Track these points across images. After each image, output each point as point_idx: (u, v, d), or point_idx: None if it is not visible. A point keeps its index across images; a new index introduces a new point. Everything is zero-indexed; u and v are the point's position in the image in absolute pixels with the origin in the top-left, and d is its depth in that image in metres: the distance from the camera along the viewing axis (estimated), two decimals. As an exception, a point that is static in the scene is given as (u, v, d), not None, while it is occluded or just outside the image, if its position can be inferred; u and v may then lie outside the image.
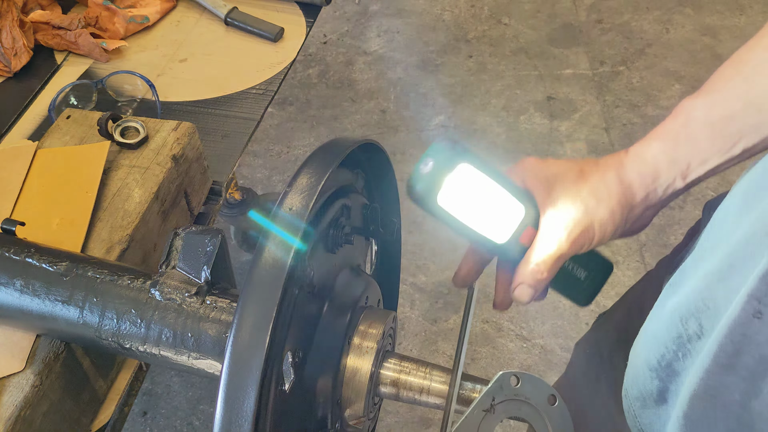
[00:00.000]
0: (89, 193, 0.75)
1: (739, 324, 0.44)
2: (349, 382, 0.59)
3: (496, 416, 0.52)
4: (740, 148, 0.57)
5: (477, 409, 0.52)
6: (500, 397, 0.53)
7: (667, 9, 2.57)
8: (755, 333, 0.43)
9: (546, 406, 0.54)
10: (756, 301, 0.42)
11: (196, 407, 1.69)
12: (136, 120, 0.83)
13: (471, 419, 0.52)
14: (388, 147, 0.66)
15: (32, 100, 1.05)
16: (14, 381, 0.62)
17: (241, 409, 0.46)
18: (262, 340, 0.46)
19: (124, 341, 0.59)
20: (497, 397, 0.53)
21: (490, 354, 1.75)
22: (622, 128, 2.21)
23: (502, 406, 0.53)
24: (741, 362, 0.44)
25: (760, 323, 0.43)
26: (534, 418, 0.53)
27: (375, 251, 0.80)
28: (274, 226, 0.50)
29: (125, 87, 1.06)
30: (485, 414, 0.52)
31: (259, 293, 0.48)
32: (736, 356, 0.45)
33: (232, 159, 0.98)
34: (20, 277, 0.60)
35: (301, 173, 0.54)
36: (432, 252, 1.86)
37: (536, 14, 2.59)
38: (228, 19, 1.17)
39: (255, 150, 2.20)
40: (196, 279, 0.59)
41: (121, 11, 1.14)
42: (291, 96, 2.36)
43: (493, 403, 0.53)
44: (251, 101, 1.06)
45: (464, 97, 2.33)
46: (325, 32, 2.57)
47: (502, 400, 0.53)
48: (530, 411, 0.53)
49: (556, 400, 0.54)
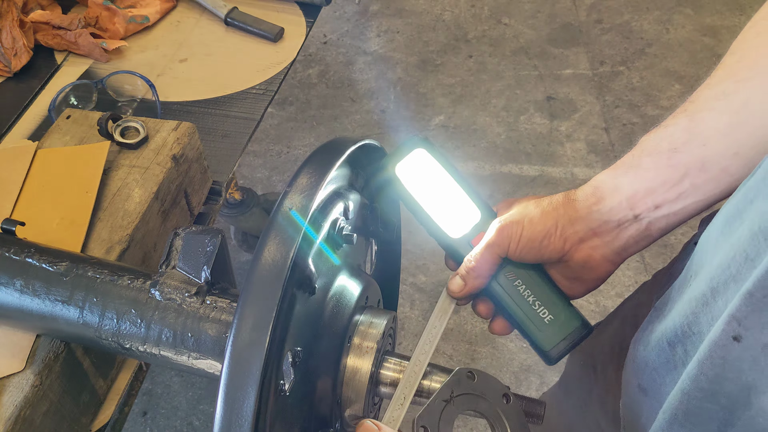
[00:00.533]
0: (89, 193, 0.75)
1: (719, 347, 0.43)
2: (349, 382, 0.59)
3: (455, 408, 0.54)
4: (687, 184, 0.56)
5: (437, 399, 0.54)
6: (459, 391, 0.55)
7: (667, 9, 2.57)
8: (735, 359, 0.42)
9: (501, 403, 0.56)
10: (736, 323, 0.42)
11: (196, 407, 1.70)
12: (136, 120, 0.83)
13: (433, 407, 0.54)
14: (388, 147, 0.66)
15: (32, 100, 1.05)
16: (14, 381, 0.62)
17: (241, 409, 0.46)
18: (262, 340, 0.46)
19: (124, 341, 0.59)
20: (456, 390, 0.55)
21: (490, 354, 1.75)
22: (622, 128, 2.21)
23: (460, 399, 0.55)
24: (722, 389, 0.44)
25: (740, 348, 0.42)
26: (491, 414, 0.55)
27: (375, 251, 0.79)
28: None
29: (125, 87, 1.06)
30: (445, 404, 0.54)
31: (259, 293, 0.48)
32: (717, 382, 0.44)
33: (232, 159, 0.98)
34: (20, 277, 0.60)
35: (301, 173, 0.54)
36: (432, 252, 1.86)
37: (536, 14, 2.59)
38: (228, 19, 1.17)
39: (255, 150, 2.20)
40: (196, 279, 0.59)
41: (121, 11, 1.14)
42: (291, 96, 2.36)
43: (452, 396, 0.54)
44: (251, 101, 1.06)
45: (464, 97, 2.33)
46: (325, 32, 2.57)
47: (460, 393, 0.55)
48: (487, 407, 0.56)
49: (510, 398, 0.56)
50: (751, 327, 0.41)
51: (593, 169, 2.13)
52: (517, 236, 0.61)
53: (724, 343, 0.42)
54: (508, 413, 0.55)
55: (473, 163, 2.15)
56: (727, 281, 0.45)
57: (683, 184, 0.56)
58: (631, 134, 2.19)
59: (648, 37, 2.48)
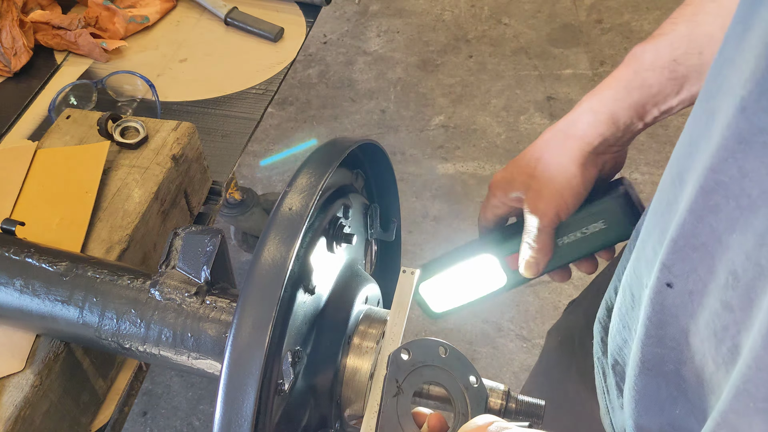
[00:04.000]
0: (89, 193, 0.75)
1: (656, 293, 0.45)
2: (349, 382, 0.59)
3: (406, 395, 0.54)
4: (687, 92, 0.60)
5: (387, 398, 0.53)
6: (402, 375, 0.54)
7: (667, 9, 2.57)
8: (671, 304, 0.44)
9: (443, 359, 0.55)
10: (667, 270, 0.43)
11: (196, 407, 1.70)
12: (136, 120, 0.83)
13: (387, 410, 0.53)
14: (388, 147, 0.67)
15: (32, 100, 1.05)
16: (14, 381, 0.62)
17: (241, 409, 0.46)
18: (261, 340, 0.46)
19: (124, 341, 0.59)
20: (399, 377, 0.54)
21: (490, 354, 1.75)
22: (622, 128, 2.21)
23: (407, 382, 0.54)
24: (667, 334, 0.45)
25: (673, 293, 0.43)
26: (439, 376, 0.55)
27: (375, 251, 0.80)
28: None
29: (125, 87, 1.06)
30: (397, 398, 0.53)
31: (258, 293, 0.48)
32: (661, 327, 0.46)
33: (232, 159, 0.97)
34: (20, 277, 0.60)
35: (301, 173, 0.54)
36: (432, 252, 1.86)
37: (536, 14, 2.59)
38: (228, 19, 1.17)
39: (255, 150, 2.20)
40: (196, 279, 0.59)
41: (121, 11, 1.14)
42: (291, 96, 2.36)
43: (399, 385, 0.54)
44: (251, 101, 1.06)
45: (464, 97, 2.33)
46: (325, 32, 2.57)
47: (405, 376, 0.54)
48: (432, 371, 0.55)
49: (447, 350, 0.55)
50: (679, 274, 0.42)
51: (593, 169, 2.13)
52: (563, 208, 0.65)
53: (659, 289, 0.44)
54: (471, 393, 0.55)
55: (473, 163, 2.15)
56: (655, 227, 0.47)
57: (683, 93, 0.61)
58: (631, 134, 2.19)
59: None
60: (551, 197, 0.65)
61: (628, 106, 0.62)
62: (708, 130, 0.39)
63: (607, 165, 0.67)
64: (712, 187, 0.38)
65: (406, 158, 2.15)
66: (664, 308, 0.44)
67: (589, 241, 0.69)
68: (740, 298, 0.38)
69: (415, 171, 2.12)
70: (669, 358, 0.46)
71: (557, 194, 0.65)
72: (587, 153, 0.64)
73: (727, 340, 0.40)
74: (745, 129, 0.34)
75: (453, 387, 0.55)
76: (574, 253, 0.70)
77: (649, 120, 0.63)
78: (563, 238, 0.69)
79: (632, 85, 0.61)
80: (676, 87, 0.60)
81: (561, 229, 0.69)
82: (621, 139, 0.65)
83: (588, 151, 0.64)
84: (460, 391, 0.54)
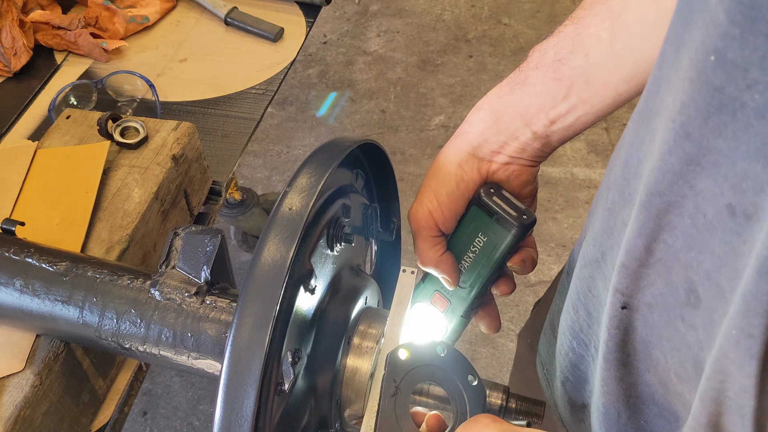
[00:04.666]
0: (89, 193, 0.75)
1: (613, 318, 0.44)
2: (349, 382, 0.59)
3: (404, 395, 0.53)
4: (575, 97, 0.56)
5: (385, 398, 0.53)
6: (400, 375, 0.54)
7: (667, 9, 2.57)
8: (629, 324, 0.44)
9: (441, 359, 0.55)
10: (620, 294, 0.43)
11: (196, 407, 1.70)
12: (136, 120, 0.83)
13: (385, 411, 0.52)
14: (388, 147, 0.67)
15: (32, 100, 1.05)
16: (14, 381, 0.62)
17: (241, 409, 0.46)
18: (261, 340, 0.46)
19: (124, 341, 0.59)
20: (397, 378, 0.53)
21: (490, 354, 1.75)
22: (622, 128, 2.21)
23: (405, 382, 0.54)
24: (627, 349, 0.45)
25: (629, 313, 0.43)
26: (438, 376, 0.54)
27: (375, 251, 0.80)
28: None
29: (125, 87, 1.06)
30: (395, 398, 0.53)
31: (258, 293, 0.48)
32: (623, 350, 0.45)
33: (232, 159, 0.98)
34: (20, 277, 0.60)
35: (300, 173, 0.54)
36: (432, 252, 1.86)
37: (536, 14, 2.59)
38: (228, 19, 1.17)
39: (255, 150, 2.20)
40: (196, 279, 0.59)
41: (121, 11, 1.14)
42: (291, 96, 2.36)
43: (397, 385, 0.53)
44: (251, 101, 1.06)
45: (464, 97, 2.33)
46: (325, 32, 2.57)
47: (403, 377, 0.54)
48: (430, 371, 0.54)
49: (445, 349, 0.55)
50: (633, 294, 0.42)
51: (593, 169, 2.13)
52: (433, 207, 0.60)
53: (615, 314, 0.44)
54: (470, 392, 0.54)
55: (473, 163, 2.14)
56: (602, 247, 0.46)
57: (571, 98, 0.56)
58: (631, 134, 2.19)
59: (648, 37, 2.48)
60: (428, 198, 0.61)
61: (510, 104, 0.58)
62: (651, 150, 0.39)
63: (496, 176, 0.60)
64: (664, 209, 0.37)
65: (406, 158, 2.15)
66: (624, 328, 0.44)
67: (485, 257, 0.63)
68: (702, 317, 0.38)
69: (415, 171, 2.12)
70: (634, 371, 0.46)
71: (432, 194, 0.60)
72: (466, 152, 0.60)
73: (689, 359, 0.40)
74: (693, 152, 0.34)
75: (451, 386, 0.55)
76: (481, 274, 0.64)
77: (538, 128, 0.58)
78: (463, 261, 0.64)
79: (515, 81, 0.58)
80: (562, 90, 0.56)
81: (456, 249, 0.64)
82: (508, 146, 0.59)
83: (467, 151, 0.60)
84: (458, 390, 0.54)
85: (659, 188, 0.37)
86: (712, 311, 0.37)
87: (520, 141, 0.58)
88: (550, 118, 0.57)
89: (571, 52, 0.55)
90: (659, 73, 0.39)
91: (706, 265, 0.36)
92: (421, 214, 0.61)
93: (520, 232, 0.60)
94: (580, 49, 0.54)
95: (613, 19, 0.53)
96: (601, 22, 0.53)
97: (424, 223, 0.61)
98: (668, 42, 0.38)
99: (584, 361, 0.55)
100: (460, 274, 0.64)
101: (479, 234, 0.62)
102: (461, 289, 0.65)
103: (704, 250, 0.36)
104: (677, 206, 0.37)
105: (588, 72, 0.54)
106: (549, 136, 0.58)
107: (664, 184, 0.37)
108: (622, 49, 0.53)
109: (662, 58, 0.39)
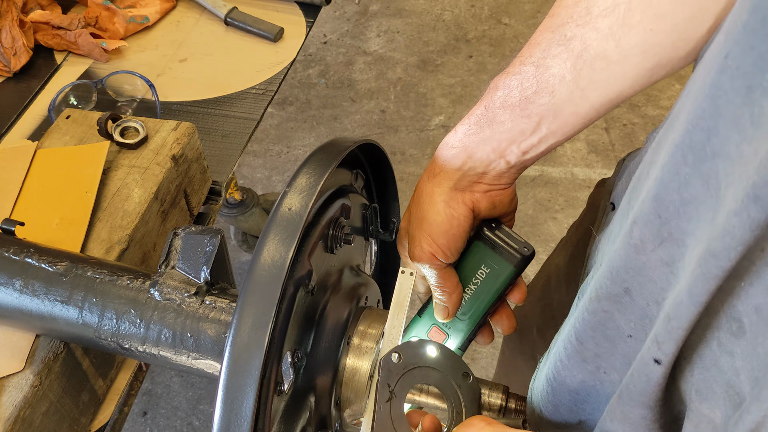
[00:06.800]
0: (89, 193, 0.75)
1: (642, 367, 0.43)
2: (349, 382, 0.59)
3: (399, 398, 0.53)
4: (545, 129, 0.57)
5: (380, 403, 0.53)
6: (394, 378, 0.54)
7: (667, 9, 2.57)
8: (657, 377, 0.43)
9: (434, 359, 0.55)
10: (656, 347, 0.42)
11: (196, 407, 1.70)
12: (136, 120, 0.83)
13: (381, 416, 0.53)
14: (388, 147, 0.67)
15: (32, 100, 1.05)
16: (14, 381, 0.62)
17: (240, 410, 0.46)
18: (261, 341, 0.46)
19: (124, 341, 0.59)
20: (391, 382, 0.54)
21: (490, 354, 1.75)
22: (622, 128, 2.21)
23: (399, 385, 0.54)
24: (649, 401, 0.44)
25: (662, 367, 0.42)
26: (432, 376, 0.55)
27: (375, 251, 0.80)
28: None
29: (125, 87, 1.06)
30: (390, 403, 0.53)
31: (258, 293, 0.48)
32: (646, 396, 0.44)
33: (232, 159, 0.98)
34: (20, 277, 0.60)
35: (300, 173, 0.54)
36: (432, 252, 1.86)
37: (536, 14, 2.59)
38: (228, 19, 1.17)
39: (255, 150, 2.20)
40: (196, 279, 0.59)
41: (121, 11, 1.14)
42: (291, 96, 2.36)
43: (392, 389, 0.54)
44: (251, 101, 1.06)
45: (464, 97, 2.33)
46: (325, 32, 2.57)
47: (397, 380, 0.54)
48: (425, 372, 0.55)
49: (438, 350, 0.55)
50: (669, 351, 0.41)
51: (593, 169, 2.13)
52: (434, 249, 0.62)
53: (647, 362, 0.43)
54: (464, 391, 0.55)
55: (473, 163, 2.14)
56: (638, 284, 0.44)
57: (541, 130, 0.57)
58: (632, 134, 2.19)
59: (648, 37, 2.48)
60: (426, 242, 0.62)
61: (482, 141, 0.59)
62: (705, 200, 0.37)
63: (482, 204, 0.62)
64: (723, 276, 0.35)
65: (406, 158, 2.15)
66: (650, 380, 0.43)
67: (486, 288, 0.66)
68: (744, 347, 0.37)
69: (415, 171, 2.12)
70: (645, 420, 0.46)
71: (429, 237, 0.62)
72: (448, 189, 0.61)
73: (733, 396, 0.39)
74: (760, 218, 0.32)
75: (446, 386, 0.55)
76: (480, 306, 0.66)
77: (511, 159, 0.59)
78: (464, 293, 0.66)
79: (482, 121, 0.59)
80: (532, 125, 0.57)
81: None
82: (486, 176, 0.61)
83: (449, 187, 0.61)
84: (453, 389, 0.54)
85: (719, 254, 0.34)
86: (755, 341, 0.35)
87: (496, 170, 0.61)
88: (522, 149, 0.59)
89: (536, 92, 0.56)
90: (713, 108, 0.35)
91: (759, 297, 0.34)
92: (426, 258, 0.63)
93: (523, 263, 0.64)
94: (545, 89, 0.55)
95: (575, 59, 0.53)
96: (563, 62, 0.54)
97: (430, 262, 0.63)
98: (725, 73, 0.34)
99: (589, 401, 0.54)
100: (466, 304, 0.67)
101: (482, 266, 0.65)
102: (460, 321, 0.67)
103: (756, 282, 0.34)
104: (742, 270, 0.35)
105: (556, 108, 0.55)
106: (523, 162, 0.60)
107: (724, 247, 0.34)
108: (588, 84, 0.53)
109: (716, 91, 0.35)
